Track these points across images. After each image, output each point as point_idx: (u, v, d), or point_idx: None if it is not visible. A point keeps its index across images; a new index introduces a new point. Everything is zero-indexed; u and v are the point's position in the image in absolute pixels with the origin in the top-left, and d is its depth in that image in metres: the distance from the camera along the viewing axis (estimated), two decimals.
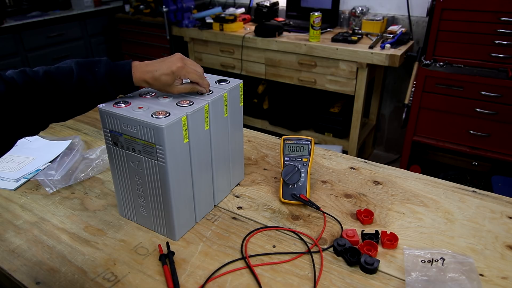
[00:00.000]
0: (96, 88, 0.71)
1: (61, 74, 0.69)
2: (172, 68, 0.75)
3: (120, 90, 0.75)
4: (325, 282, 0.67)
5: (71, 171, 0.99)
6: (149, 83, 0.76)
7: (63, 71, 0.70)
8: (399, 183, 0.95)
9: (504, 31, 1.78)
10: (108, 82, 0.72)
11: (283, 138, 0.91)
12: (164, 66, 0.75)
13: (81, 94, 0.70)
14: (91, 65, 0.72)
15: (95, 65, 0.72)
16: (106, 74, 0.72)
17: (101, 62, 0.73)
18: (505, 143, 1.88)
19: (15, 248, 0.76)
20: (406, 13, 2.38)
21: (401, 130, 2.36)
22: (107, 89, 0.73)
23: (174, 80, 0.76)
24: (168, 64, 0.76)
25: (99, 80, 0.71)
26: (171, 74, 0.75)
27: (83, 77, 0.70)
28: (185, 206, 0.77)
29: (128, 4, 3.16)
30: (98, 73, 0.71)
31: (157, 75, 0.74)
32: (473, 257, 0.70)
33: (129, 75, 0.74)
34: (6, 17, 2.77)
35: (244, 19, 2.68)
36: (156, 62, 0.76)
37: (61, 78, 0.68)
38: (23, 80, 0.65)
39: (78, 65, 0.71)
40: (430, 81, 1.93)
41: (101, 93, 0.72)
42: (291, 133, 2.61)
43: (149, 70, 0.75)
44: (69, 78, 0.69)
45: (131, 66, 0.74)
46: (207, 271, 0.69)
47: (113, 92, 0.74)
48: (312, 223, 0.82)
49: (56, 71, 0.69)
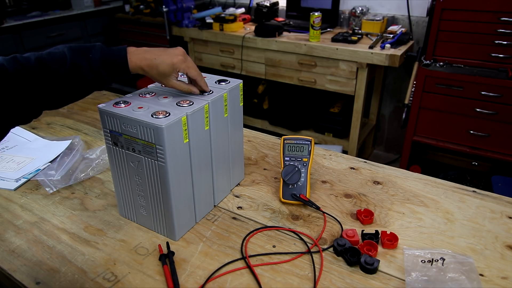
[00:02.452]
0: (90, 74, 0.69)
1: (54, 60, 0.66)
2: (173, 60, 0.74)
3: (115, 77, 0.73)
4: (325, 282, 0.67)
5: (71, 171, 0.99)
6: (144, 71, 0.74)
7: (56, 57, 0.67)
8: (399, 183, 0.95)
9: (504, 31, 1.77)
10: (103, 68, 0.70)
11: (283, 138, 0.91)
12: (164, 55, 0.74)
13: (74, 80, 0.68)
14: (85, 51, 0.69)
15: (89, 51, 0.69)
16: (101, 60, 0.69)
17: (95, 47, 0.71)
18: (505, 143, 1.88)
19: (15, 248, 0.76)
20: (406, 13, 2.38)
21: (401, 130, 2.36)
22: (102, 76, 0.70)
23: (172, 72, 0.75)
24: (169, 54, 0.74)
25: (94, 66, 0.69)
26: (171, 65, 0.74)
27: (77, 63, 0.67)
28: (185, 206, 0.77)
29: (128, 4, 3.16)
30: (93, 59, 0.69)
31: (155, 63, 0.73)
32: (473, 257, 0.70)
33: (125, 61, 0.71)
34: (6, 17, 2.77)
35: (244, 19, 2.68)
36: (156, 50, 0.74)
37: (53, 65, 0.66)
38: (14, 67, 0.63)
39: (71, 51, 0.68)
40: (430, 81, 1.93)
41: (95, 80, 0.70)
42: (291, 133, 2.61)
43: (147, 57, 0.73)
44: (62, 64, 0.67)
45: (126, 52, 0.72)
46: (207, 271, 0.69)
47: (108, 78, 0.72)
48: (312, 223, 0.82)
49: (48, 57, 0.66)
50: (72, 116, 1.34)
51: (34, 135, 1.20)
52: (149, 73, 0.74)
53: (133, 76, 0.75)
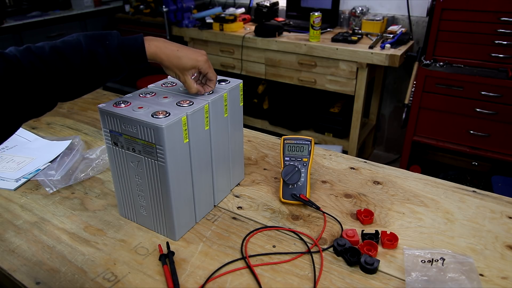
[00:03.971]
0: (107, 62, 0.67)
1: (69, 49, 0.64)
2: (198, 57, 0.76)
3: (132, 64, 0.71)
4: (325, 282, 0.67)
5: (71, 171, 0.99)
6: (162, 59, 0.73)
7: (71, 45, 0.65)
8: (399, 183, 0.95)
9: (504, 31, 1.77)
10: (121, 55, 0.68)
11: (283, 138, 0.91)
12: (189, 50, 0.76)
13: (91, 68, 0.66)
14: (101, 38, 0.67)
15: (105, 38, 0.68)
16: (118, 46, 0.68)
17: (112, 34, 0.69)
18: (505, 143, 1.88)
19: (15, 248, 0.76)
20: (406, 13, 2.38)
21: (401, 130, 2.36)
22: (119, 63, 0.69)
23: (193, 68, 0.76)
24: (194, 51, 0.77)
25: (111, 53, 0.67)
26: (195, 61, 0.75)
27: (93, 50, 0.66)
28: (185, 206, 0.77)
29: (128, 4, 3.16)
30: (110, 46, 0.67)
31: (178, 55, 0.74)
32: (473, 257, 0.70)
33: (142, 48, 0.70)
34: (6, 17, 2.77)
35: (244, 19, 2.68)
36: (178, 44, 0.75)
37: (69, 53, 0.64)
38: (28, 59, 0.60)
39: (87, 37, 0.66)
40: (430, 81, 1.93)
41: (112, 68, 0.68)
42: (291, 133, 2.61)
43: (168, 47, 0.73)
44: (78, 52, 0.64)
45: (143, 39, 0.71)
46: (207, 271, 0.69)
47: (125, 66, 0.70)
48: (312, 223, 0.82)
49: (63, 45, 0.64)
50: (72, 116, 1.34)
51: (34, 135, 1.20)
52: (166, 62, 0.74)
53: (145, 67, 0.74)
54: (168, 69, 0.76)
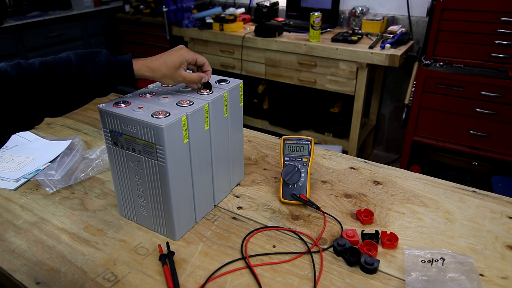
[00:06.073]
0: (96, 77, 0.69)
1: (59, 64, 0.67)
2: (179, 51, 0.77)
3: (119, 80, 0.73)
4: (325, 282, 0.67)
5: (71, 171, 0.99)
6: (152, 70, 0.75)
7: (61, 61, 0.67)
8: (399, 183, 0.95)
9: (504, 31, 1.77)
10: (108, 70, 0.70)
11: (283, 138, 0.91)
12: (169, 52, 0.77)
13: (79, 84, 0.68)
14: (90, 55, 0.70)
15: (95, 55, 0.71)
16: (106, 62, 0.70)
17: (101, 52, 0.72)
18: (505, 143, 1.88)
19: (15, 248, 0.76)
20: (406, 13, 2.38)
21: (401, 130, 2.36)
22: (107, 79, 0.71)
23: (181, 63, 0.77)
24: (173, 50, 0.78)
25: (99, 69, 0.69)
26: (179, 55, 0.76)
27: (82, 65, 0.68)
28: (185, 206, 0.77)
29: (128, 4, 3.16)
30: (98, 62, 0.70)
31: (163, 60, 0.75)
32: (473, 257, 0.70)
33: (130, 64, 0.73)
34: (6, 17, 2.77)
35: (244, 19, 2.68)
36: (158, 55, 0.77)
37: (59, 68, 0.66)
38: (18, 73, 0.63)
39: (77, 55, 0.69)
40: (430, 81, 1.93)
41: (100, 83, 0.70)
42: (291, 133, 2.61)
43: (153, 58, 0.75)
44: (68, 67, 0.67)
45: (131, 57, 0.74)
46: (207, 271, 0.69)
47: (113, 81, 0.72)
48: (312, 223, 0.82)
49: (53, 60, 0.67)
50: (72, 116, 1.34)
51: (34, 135, 1.20)
52: (157, 73, 0.75)
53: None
54: (163, 79, 0.77)
